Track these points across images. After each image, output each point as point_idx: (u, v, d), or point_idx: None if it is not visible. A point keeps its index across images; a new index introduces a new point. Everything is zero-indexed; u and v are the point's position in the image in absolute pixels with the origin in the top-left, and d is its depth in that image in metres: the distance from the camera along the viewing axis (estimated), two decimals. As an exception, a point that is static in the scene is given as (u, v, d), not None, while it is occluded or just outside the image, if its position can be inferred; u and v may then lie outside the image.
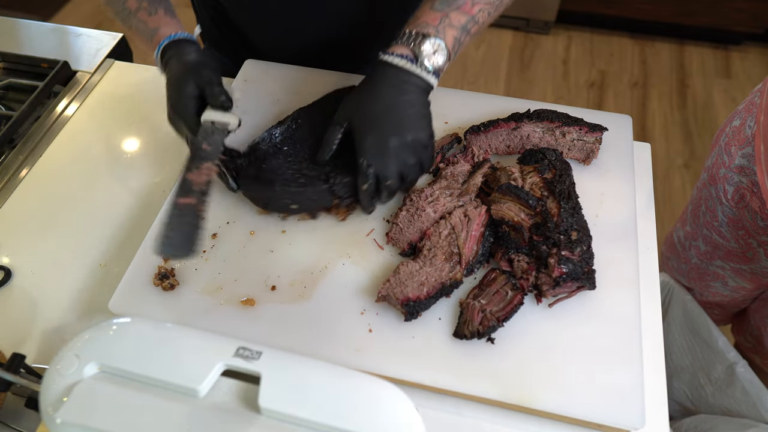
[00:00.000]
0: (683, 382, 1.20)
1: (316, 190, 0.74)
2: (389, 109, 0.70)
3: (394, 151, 0.69)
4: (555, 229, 0.69)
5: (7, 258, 0.81)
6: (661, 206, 2.01)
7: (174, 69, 0.74)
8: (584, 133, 0.82)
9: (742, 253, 1.02)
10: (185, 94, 0.72)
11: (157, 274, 0.72)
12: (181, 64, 0.74)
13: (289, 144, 0.79)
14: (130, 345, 0.50)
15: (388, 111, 0.70)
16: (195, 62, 0.74)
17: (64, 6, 2.79)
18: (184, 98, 0.72)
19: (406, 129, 0.70)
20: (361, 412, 0.46)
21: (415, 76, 0.70)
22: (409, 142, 0.70)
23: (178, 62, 0.74)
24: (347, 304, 0.70)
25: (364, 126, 0.71)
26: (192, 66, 0.74)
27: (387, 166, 0.70)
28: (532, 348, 0.66)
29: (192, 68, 0.73)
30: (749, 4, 2.34)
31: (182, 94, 0.72)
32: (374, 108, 0.70)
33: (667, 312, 1.21)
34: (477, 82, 2.42)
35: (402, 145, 0.70)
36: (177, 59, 0.75)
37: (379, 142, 0.69)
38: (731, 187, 0.96)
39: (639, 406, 0.62)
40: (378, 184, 0.71)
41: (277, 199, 0.75)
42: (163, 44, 0.76)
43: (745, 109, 0.95)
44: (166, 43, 0.76)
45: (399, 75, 0.70)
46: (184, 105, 0.72)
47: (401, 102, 0.70)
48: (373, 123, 0.70)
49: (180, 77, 0.73)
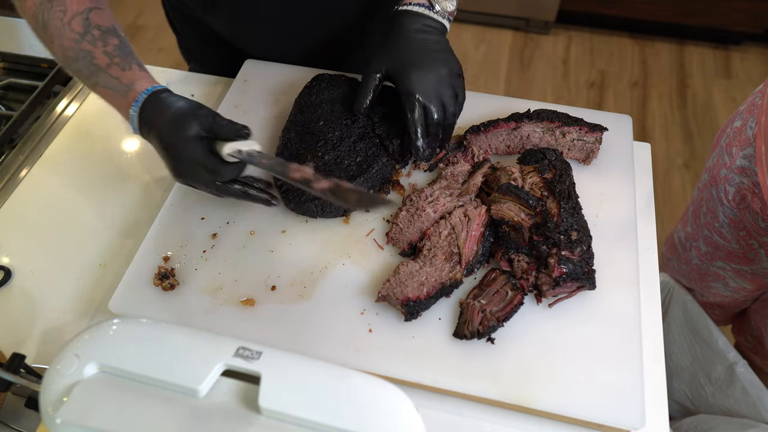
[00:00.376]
0: (683, 382, 1.20)
1: (379, 164, 0.78)
2: (420, 49, 0.77)
3: (433, 83, 0.75)
4: (555, 229, 0.69)
5: (7, 258, 0.81)
6: (661, 206, 2.01)
7: (166, 118, 0.67)
8: (584, 133, 0.82)
9: (743, 253, 1.02)
10: (191, 137, 0.65)
11: (157, 274, 0.72)
12: (173, 111, 0.67)
13: (306, 146, 0.79)
14: (130, 345, 0.49)
15: (419, 50, 0.77)
16: (189, 105, 0.68)
17: (64, 6, 2.79)
18: (191, 142, 0.65)
19: (440, 64, 0.76)
20: (361, 412, 0.46)
21: (433, 20, 0.78)
22: (445, 75, 0.76)
23: (168, 111, 0.67)
24: (347, 304, 0.70)
25: (402, 67, 0.76)
26: (187, 109, 0.67)
27: (431, 97, 0.75)
28: (532, 348, 0.66)
29: (189, 111, 0.67)
30: (749, 4, 2.34)
31: (188, 138, 0.65)
32: (407, 49, 0.77)
33: (667, 312, 1.21)
34: (477, 82, 2.42)
35: (439, 78, 0.75)
36: (165, 109, 0.67)
37: (419, 77, 0.75)
38: (732, 188, 0.96)
39: (639, 406, 0.62)
40: (425, 118, 0.75)
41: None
42: (142, 98, 0.68)
43: (747, 110, 0.94)
44: (146, 96, 0.68)
45: (420, 20, 0.78)
46: (193, 149, 0.66)
47: (428, 41, 0.77)
48: (409, 63, 0.76)
49: (178, 122, 0.66)
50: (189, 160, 0.66)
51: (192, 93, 1.01)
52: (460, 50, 2.54)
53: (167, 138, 0.66)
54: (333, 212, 0.77)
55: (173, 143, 0.66)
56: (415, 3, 0.78)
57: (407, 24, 0.78)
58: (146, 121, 0.68)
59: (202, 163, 0.66)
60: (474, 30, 2.62)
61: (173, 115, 0.66)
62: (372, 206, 0.65)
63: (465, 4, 2.53)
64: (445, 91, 0.76)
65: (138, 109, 0.68)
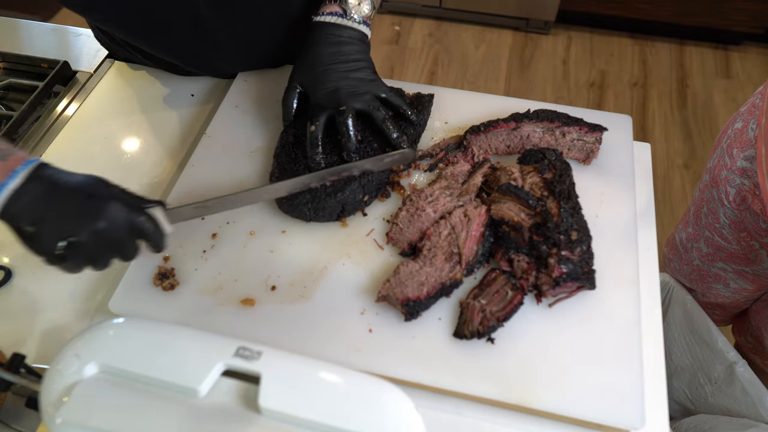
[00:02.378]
0: (683, 382, 1.20)
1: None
2: (331, 62, 0.77)
3: (344, 93, 0.76)
4: (555, 229, 0.69)
5: (7, 258, 0.81)
6: (661, 206, 2.01)
7: (62, 187, 0.58)
8: (584, 133, 0.82)
9: (744, 255, 1.02)
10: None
11: (157, 274, 0.72)
12: (66, 182, 0.59)
13: (303, 148, 0.80)
14: (130, 345, 0.50)
15: (331, 64, 0.77)
16: (86, 177, 0.60)
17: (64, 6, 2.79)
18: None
19: (351, 73, 0.77)
20: (361, 412, 0.46)
21: (348, 29, 0.78)
22: (354, 85, 0.77)
23: (59, 180, 0.59)
24: (347, 304, 0.70)
25: (313, 82, 0.78)
26: (87, 179, 0.60)
27: (343, 103, 0.76)
28: (532, 348, 0.66)
29: (90, 181, 0.60)
30: (749, 4, 2.34)
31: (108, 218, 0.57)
32: (318, 64, 0.78)
33: (667, 312, 1.21)
34: (477, 82, 2.42)
35: (348, 86, 0.76)
36: (55, 179, 0.58)
37: (329, 90, 0.76)
38: (733, 189, 0.96)
39: (639, 406, 0.62)
40: (339, 123, 0.76)
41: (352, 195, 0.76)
42: (27, 167, 0.56)
43: (748, 112, 0.94)
44: (35, 165, 0.58)
45: (333, 30, 0.78)
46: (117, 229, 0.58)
47: (341, 53, 0.78)
48: (320, 77, 0.77)
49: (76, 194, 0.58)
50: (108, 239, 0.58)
51: (192, 93, 1.01)
52: (460, 50, 2.55)
53: (79, 218, 0.57)
54: (326, 216, 0.76)
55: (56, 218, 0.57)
56: (328, 12, 0.78)
57: (321, 36, 0.78)
58: (30, 195, 0.56)
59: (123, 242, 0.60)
60: (474, 30, 2.61)
61: (66, 185, 0.58)
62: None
63: (465, 4, 2.53)
64: (364, 97, 0.77)
65: (21, 179, 0.56)
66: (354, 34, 0.79)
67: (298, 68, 0.81)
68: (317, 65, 0.78)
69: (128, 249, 0.61)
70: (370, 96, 0.78)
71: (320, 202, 0.75)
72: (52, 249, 0.57)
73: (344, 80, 0.77)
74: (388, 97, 0.80)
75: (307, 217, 0.76)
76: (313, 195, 0.75)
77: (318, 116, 0.77)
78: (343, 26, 0.78)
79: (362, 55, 0.80)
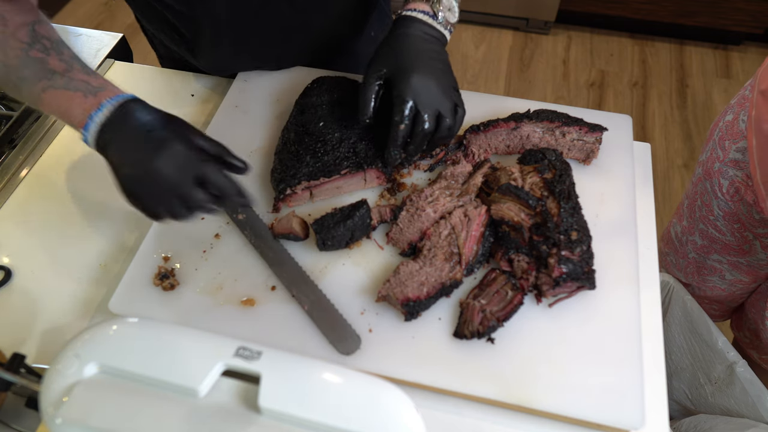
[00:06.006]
0: (683, 382, 1.20)
1: (378, 166, 0.78)
2: (421, 56, 0.74)
3: (434, 92, 0.73)
4: (555, 229, 0.69)
5: (7, 258, 0.81)
6: (660, 206, 2.01)
7: (148, 126, 0.62)
8: (584, 133, 0.82)
9: (738, 246, 1.03)
10: (176, 153, 0.59)
11: (157, 274, 0.72)
12: (153, 119, 0.62)
13: (305, 146, 0.80)
14: (130, 345, 0.50)
15: (421, 57, 0.74)
16: (169, 117, 0.63)
17: (64, 6, 2.79)
18: (177, 158, 0.59)
19: (440, 74, 0.74)
20: (361, 412, 0.46)
21: (434, 29, 0.77)
22: (446, 86, 0.74)
23: (147, 117, 0.62)
24: (347, 304, 0.70)
25: (402, 71, 0.73)
26: (171, 120, 0.63)
27: (425, 106, 0.72)
28: (532, 348, 0.66)
29: (174, 123, 0.63)
30: (749, 4, 2.34)
31: (171, 155, 0.59)
32: (407, 53, 0.74)
33: (667, 312, 1.21)
34: (477, 82, 2.42)
35: (441, 88, 0.73)
36: (132, 113, 0.62)
37: (417, 83, 0.72)
38: (726, 181, 0.97)
39: (639, 406, 0.62)
40: (413, 127, 0.73)
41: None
42: (117, 100, 0.62)
43: (738, 104, 0.95)
44: (123, 101, 0.63)
45: (422, 27, 0.76)
46: (178, 167, 0.59)
47: (429, 50, 0.76)
48: (409, 67, 0.73)
49: (161, 137, 0.60)
50: (162, 180, 0.60)
51: (192, 93, 1.01)
52: (460, 50, 2.55)
53: (141, 152, 0.60)
54: (336, 245, 0.74)
55: (142, 158, 0.60)
56: (419, 9, 0.77)
57: (409, 29, 0.76)
58: (108, 130, 0.61)
59: (179, 188, 0.60)
60: (474, 30, 2.61)
61: (154, 123, 0.62)
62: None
63: (465, 4, 2.52)
64: (444, 103, 0.73)
65: (110, 110, 0.62)
66: (439, 37, 0.77)
67: (384, 58, 0.75)
68: (408, 55, 0.74)
69: (186, 194, 0.59)
70: (449, 106, 0.74)
71: (329, 232, 0.72)
72: (127, 184, 0.61)
73: (435, 79, 0.73)
74: (455, 118, 0.75)
75: (320, 248, 0.74)
76: (319, 225, 0.72)
77: (404, 110, 0.72)
78: (430, 25, 0.77)
79: (446, 58, 0.77)
